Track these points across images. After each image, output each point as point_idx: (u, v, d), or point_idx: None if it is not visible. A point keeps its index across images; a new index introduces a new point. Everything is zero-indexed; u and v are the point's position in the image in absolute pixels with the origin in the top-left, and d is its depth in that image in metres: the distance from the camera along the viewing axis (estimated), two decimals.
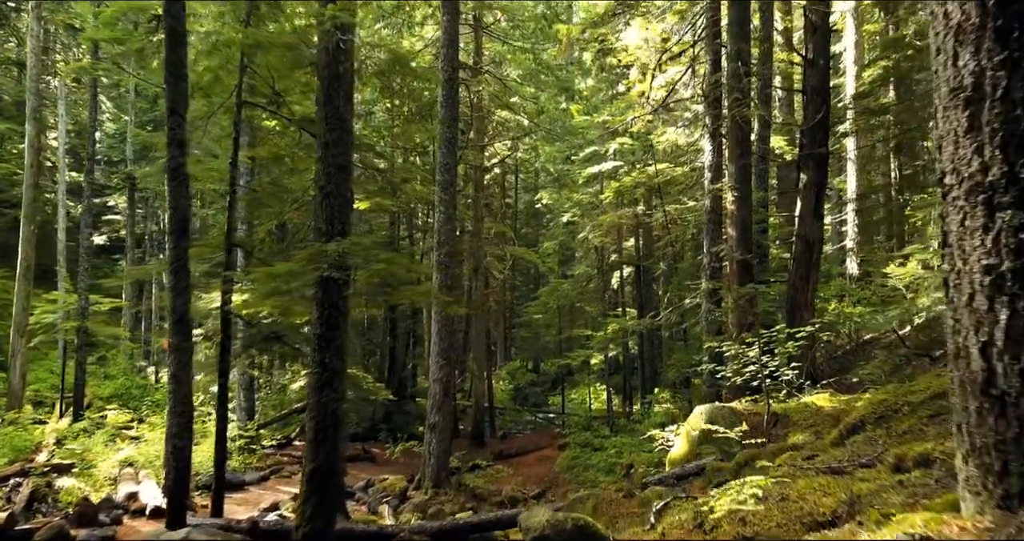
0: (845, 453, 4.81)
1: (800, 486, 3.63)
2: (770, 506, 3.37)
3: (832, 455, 4.89)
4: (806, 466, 4.63)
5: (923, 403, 5.26)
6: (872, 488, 3.27)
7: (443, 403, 14.37)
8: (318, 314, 6.95)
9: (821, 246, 12.75)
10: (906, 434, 4.85)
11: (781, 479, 4.16)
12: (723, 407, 8.66)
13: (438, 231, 14.61)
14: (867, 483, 3.41)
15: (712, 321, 12.96)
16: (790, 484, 3.84)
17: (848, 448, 4.98)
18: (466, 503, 14.01)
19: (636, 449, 16.56)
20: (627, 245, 26.92)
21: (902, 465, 3.55)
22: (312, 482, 6.70)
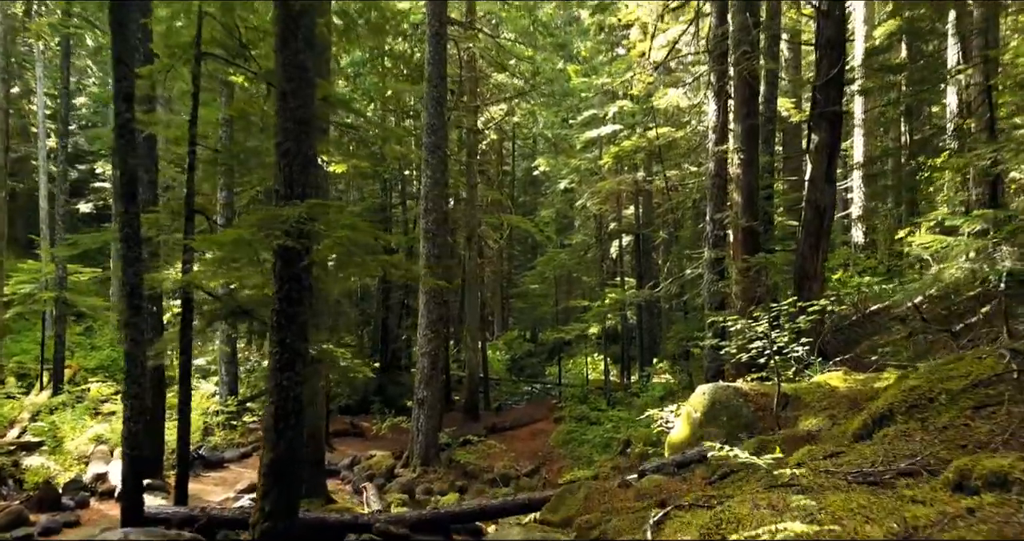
0: (876, 452, 4.09)
1: (833, 505, 2.91)
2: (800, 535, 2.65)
3: (860, 454, 4.18)
4: (832, 469, 3.91)
5: (964, 392, 4.54)
6: (931, 515, 2.55)
7: (431, 377, 13.72)
8: (277, 288, 6.20)
9: (832, 212, 11.95)
10: (948, 430, 4.12)
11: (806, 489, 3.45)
12: (727, 387, 7.97)
13: (425, 197, 13.80)
14: (922, 507, 2.69)
15: (715, 293, 12.22)
16: (819, 498, 3.12)
17: (879, 445, 4.26)
18: (456, 481, 13.44)
19: (633, 424, 15.97)
20: (627, 213, 26.10)
21: (965, 483, 2.83)
22: (271, 475, 6.02)
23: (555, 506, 6.93)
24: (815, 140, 11.68)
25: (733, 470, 6.20)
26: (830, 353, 10.14)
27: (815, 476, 3.74)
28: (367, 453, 15.47)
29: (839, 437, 5.77)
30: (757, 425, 7.47)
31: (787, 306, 7.69)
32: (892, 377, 7.23)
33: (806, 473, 4.04)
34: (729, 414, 7.65)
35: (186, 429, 8.34)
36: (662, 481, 6.69)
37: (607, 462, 14.34)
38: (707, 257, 12.36)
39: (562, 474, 15.00)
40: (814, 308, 7.69)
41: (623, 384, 23.48)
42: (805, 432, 6.24)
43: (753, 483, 5.26)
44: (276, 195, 6.26)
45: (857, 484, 3.37)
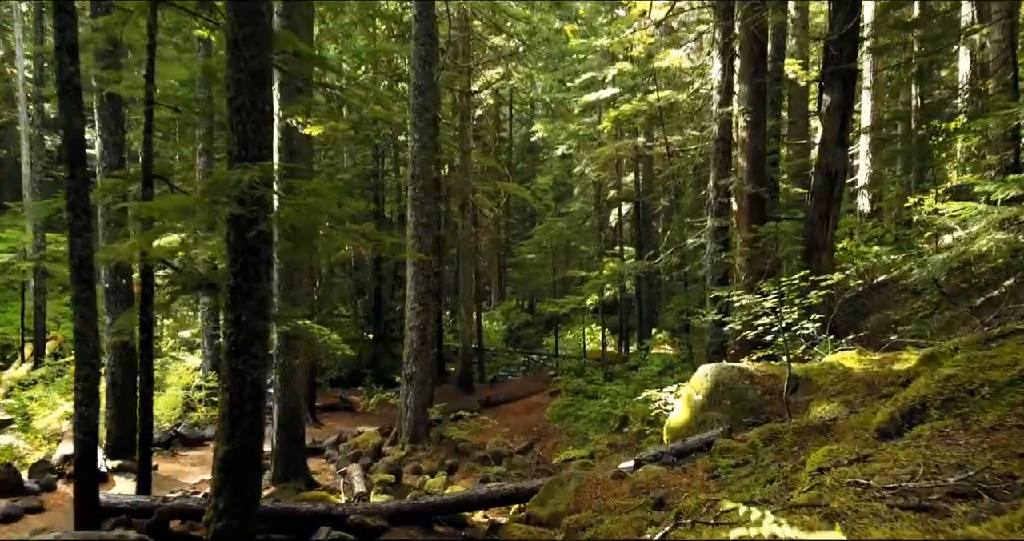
0: (913, 458, 3.46)
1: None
2: None
3: (893, 459, 3.55)
4: (863, 481, 3.29)
5: (1012, 384, 3.90)
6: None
7: (420, 352, 13.13)
8: (231, 261, 5.53)
9: (844, 178, 11.24)
10: (997, 432, 3.50)
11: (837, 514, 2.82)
12: (732, 368, 7.35)
13: (413, 162, 13.06)
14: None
15: (717, 264, 11.56)
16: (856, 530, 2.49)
17: (914, 449, 3.63)
18: (446, 459, 12.93)
19: (631, 400, 15.44)
20: (626, 180, 25.33)
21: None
22: (226, 470, 5.41)
23: (543, 498, 6.36)
24: (827, 100, 10.92)
25: (739, 463, 5.60)
26: (839, 329, 9.51)
27: (844, 493, 3.11)
28: (355, 429, 14.96)
29: (859, 429, 5.15)
30: (764, 410, 6.87)
31: (798, 279, 7.03)
32: (913, 358, 6.61)
33: (831, 484, 3.42)
34: (733, 397, 7.05)
35: (148, 412, 7.73)
36: (660, 473, 6.10)
37: (603, 440, 13.83)
38: (710, 226, 11.67)
39: (556, 451, 14.51)
40: (828, 282, 7.03)
41: (621, 355, 22.95)
42: (819, 421, 5.63)
43: (762, 482, 4.66)
44: (229, 157, 5.56)
45: (900, 509, 2.74)
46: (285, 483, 10.03)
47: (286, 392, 10.13)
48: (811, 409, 6.38)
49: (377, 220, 25.23)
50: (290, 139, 9.98)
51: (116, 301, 10.70)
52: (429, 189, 13.15)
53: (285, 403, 10.13)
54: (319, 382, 20.71)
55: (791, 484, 4.08)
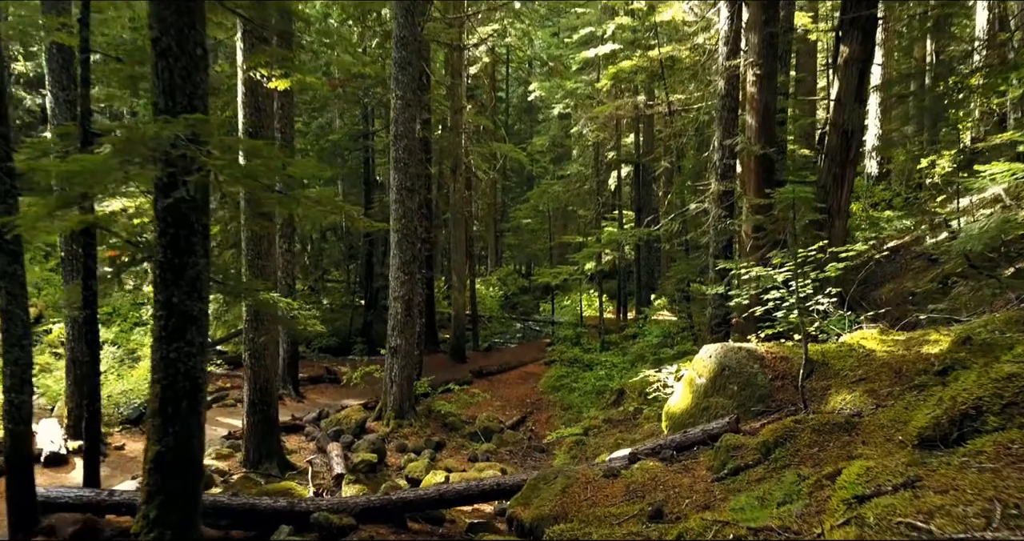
0: (979, 488, 2.71)
1: None
2: None
3: (955, 491, 2.80)
4: (917, 523, 2.55)
5: None
6: None
7: (406, 324, 12.39)
8: (159, 232, 4.73)
9: (861, 138, 10.39)
10: None
11: None
12: (739, 349, 6.60)
13: (395, 120, 12.15)
14: None
15: (721, 230, 10.74)
16: None
17: (978, 474, 2.88)
18: (433, 435, 12.31)
19: (628, 371, 14.79)
20: (626, 141, 24.35)
21: None
22: (158, 473, 4.70)
23: (527, 496, 5.66)
24: (844, 52, 10.00)
25: (748, 464, 4.88)
26: (854, 304, 8.76)
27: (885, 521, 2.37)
28: (340, 403, 14.31)
29: (891, 429, 4.42)
30: (774, 397, 6.15)
31: (815, 250, 6.24)
32: (943, 340, 5.86)
33: (876, 523, 2.68)
34: (740, 383, 6.32)
35: (95, 396, 7.03)
36: (658, 471, 5.40)
37: (598, 415, 13.21)
38: (714, 190, 10.83)
39: (550, 425, 13.91)
40: (849, 253, 6.24)
41: (619, 322, 22.26)
42: (842, 417, 4.89)
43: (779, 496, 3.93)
44: (155, 109, 4.72)
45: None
46: (257, 466, 9.39)
47: (256, 369, 9.42)
48: (829, 398, 5.65)
49: (366, 184, 24.36)
50: (255, 95, 9.09)
51: (72, 271, 9.92)
52: (413, 149, 12.27)
53: (255, 381, 9.42)
54: (305, 353, 20.09)
55: (817, 507, 3.35)
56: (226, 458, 9.78)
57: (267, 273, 9.33)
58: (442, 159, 21.51)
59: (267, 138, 9.17)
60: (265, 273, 9.29)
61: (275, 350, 9.97)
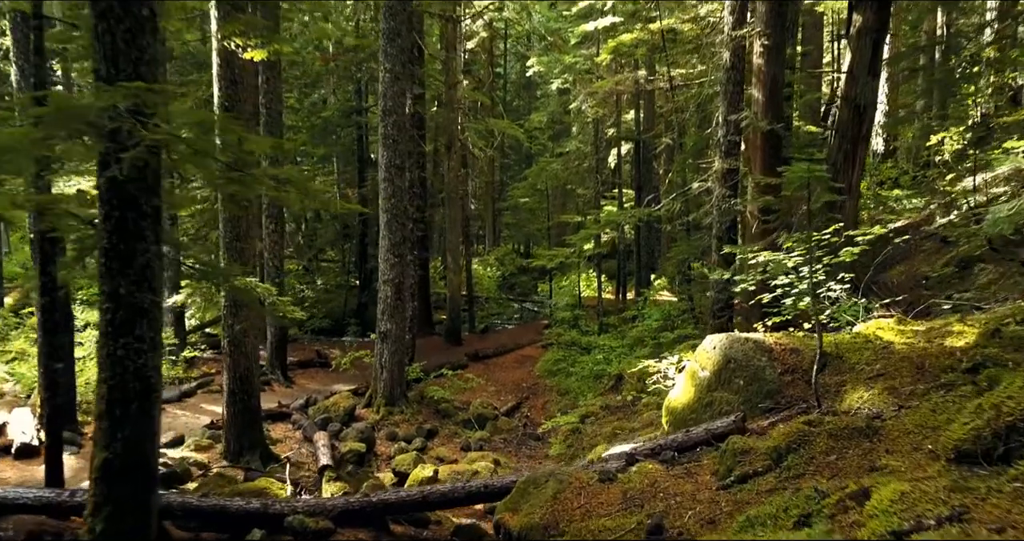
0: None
1: None
2: None
3: (1006, 523, 2.34)
4: None
5: None
6: None
7: (396, 308, 11.93)
8: (103, 216, 4.24)
9: (874, 113, 9.84)
10: None
11: None
12: (745, 340, 6.13)
13: (383, 95, 11.59)
14: None
15: (725, 211, 10.23)
16: None
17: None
18: (424, 423, 11.91)
19: (627, 356, 14.36)
20: (626, 118, 23.73)
21: None
22: (105, 482, 4.25)
23: (516, 501, 5.23)
24: (857, 22, 9.42)
25: (757, 472, 4.43)
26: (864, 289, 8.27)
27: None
28: (330, 389, 13.90)
29: (919, 437, 3.96)
30: (784, 393, 5.69)
31: (829, 234, 5.74)
32: (968, 331, 5.39)
33: None
34: (747, 377, 5.86)
35: (52, 391, 6.58)
36: (658, 475, 4.96)
37: (596, 401, 12.79)
38: (717, 168, 10.30)
39: (546, 412, 13.51)
40: (867, 237, 5.74)
41: (618, 303, 21.80)
42: (862, 420, 4.43)
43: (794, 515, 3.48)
44: (96, 77, 4.20)
45: None
46: (238, 459, 8.97)
47: (236, 356, 8.96)
48: (844, 396, 5.19)
49: (360, 162, 23.75)
50: (231, 67, 8.53)
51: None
52: (403, 126, 11.72)
53: (235, 369, 8.96)
54: (297, 335, 19.66)
55: (843, 535, 2.89)
56: (206, 449, 9.37)
57: (246, 256, 8.85)
58: (437, 136, 20.90)
59: (245, 113, 8.64)
60: (244, 256, 8.81)
61: (256, 336, 9.49)
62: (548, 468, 5.40)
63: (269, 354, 14.16)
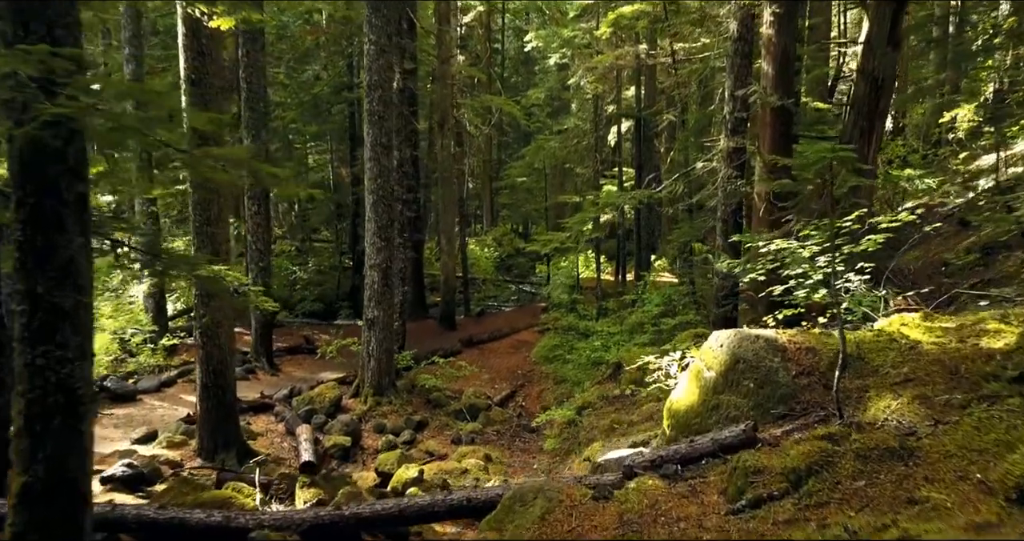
0: None
1: None
2: None
3: None
4: None
5: None
6: None
7: (384, 294, 11.37)
8: (16, 203, 3.65)
9: (892, 86, 9.19)
10: None
11: None
12: (756, 338, 5.56)
13: (368, 69, 10.92)
14: None
15: (731, 192, 9.62)
16: None
17: None
18: (414, 414, 11.39)
19: (626, 342, 13.82)
20: (627, 95, 22.98)
21: None
22: (26, 508, 3.71)
23: (500, 520, 4.70)
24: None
25: (771, 495, 3.88)
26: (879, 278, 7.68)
27: None
28: (317, 377, 13.38)
29: (963, 462, 3.40)
30: (799, 398, 5.13)
31: (851, 221, 5.15)
32: (1008, 331, 4.81)
33: None
34: (758, 379, 5.29)
35: None
36: (659, 494, 4.42)
37: (593, 390, 12.27)
38: (723, 147, 9.67)
39: (541, 401, 12.98)
40: (893, 225, 5.15)
41: (618, 285, 21.22)
42: (893, 438, 3.87)
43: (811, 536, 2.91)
44: (2, 41, 3.58)
45: None
46: (213, 456, 8.46)
47: (209, 348, 8.41)
48: (868, 404, 4.63)
49: (351, 140, 23.02)
50: (197, 37, 7.88)
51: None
52: (389, 101, 11.07)
53: (208, 362, 8.42)
54: (287, 319, 19.13)
55: None
56: (179, 446, 8.84)
57: (218, 242, 8.25)
58: (432, 114, 20.18)
59: (213, 87, 8.00)
60: (215, 241, 8.22)
61: (233, 325, 8.92)
62: (536, 482, 4.85)
63: (254, 341, 13.62)
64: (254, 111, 12.86)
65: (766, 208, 9.12)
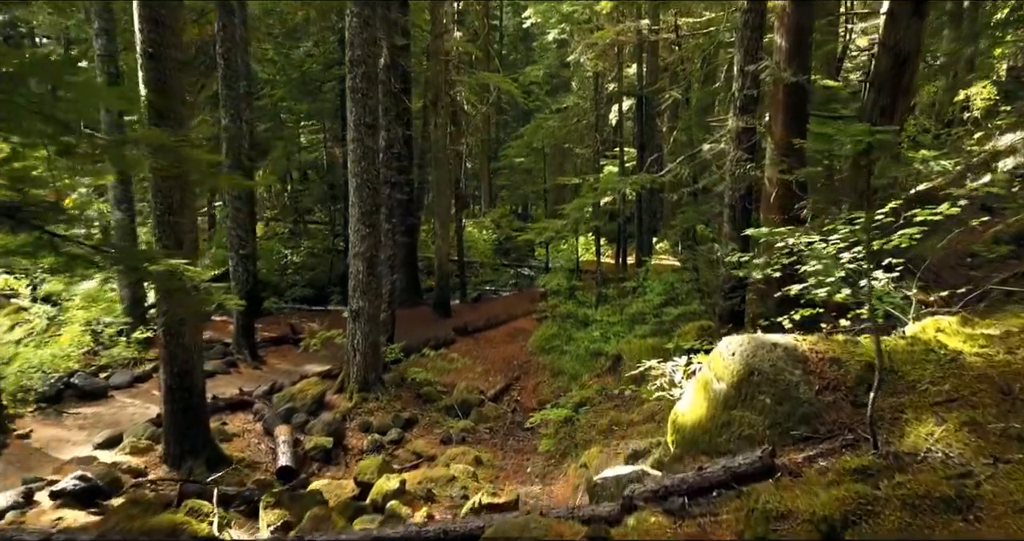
0: None
1: None
2: None
3: None
4: None
5: None
6: None
7: (368, 284, 10.71)
8: None
9: (918, 61, 8.44)
10: None
11: None
12: (773, 346, 4.89)
13: (350, 43, 10.17)
14: None
15: (740, 176, 8.91)
16: None
17: None
18: (402, 411, 10.79)
19: (626, 333, 13.16)
20: (628, 72, 22.14)
21: None
22: None
23: None
24: None
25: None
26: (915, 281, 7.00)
27: None
28: (302, 369, 12.77)
29: None
30: (823, 417, 4.48)
31: (884, 214, 4.47)
32: None
33: None
34: (776, 394, 4.65)
35: None
36: (662, 534, 3.78)
37: (592, 383, 11.65)
38: (732, 127, 8.93)
39: (537, 395, 12.37)
40: (932, 218, 4.46)
41: (618, 270, 20.54)
42: (946, 482, 3.21)
43: None
44: None
45: None
46: (179, 464, 7.86)
47: (173, 349, 7.77)
48: (905, 429, 3.99)
49: (343, 120, 22.16)
50: (150, 4, 7.13)
51: None
52: (374, 77, 10.32)
53: (172, 363, 7.78)
54: (276, 305, 18.51)
55: None
56: (144, 452, 8.23)
57: (181, 232, 7.57)
58: (427, 92, 19.39)
59: (172, 60, 7.27)
60: (178, 232, 7.54)
61: (199, 323, 8.27)
62: (520, 521, 4.21)
63: (235, 332, 12.99)
64: (232, 89, 12.11)
65: (777, 193, 8.42)
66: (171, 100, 7.38)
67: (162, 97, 7.29)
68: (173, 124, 7.36)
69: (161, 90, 7.27)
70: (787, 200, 8.32)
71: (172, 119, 7.36)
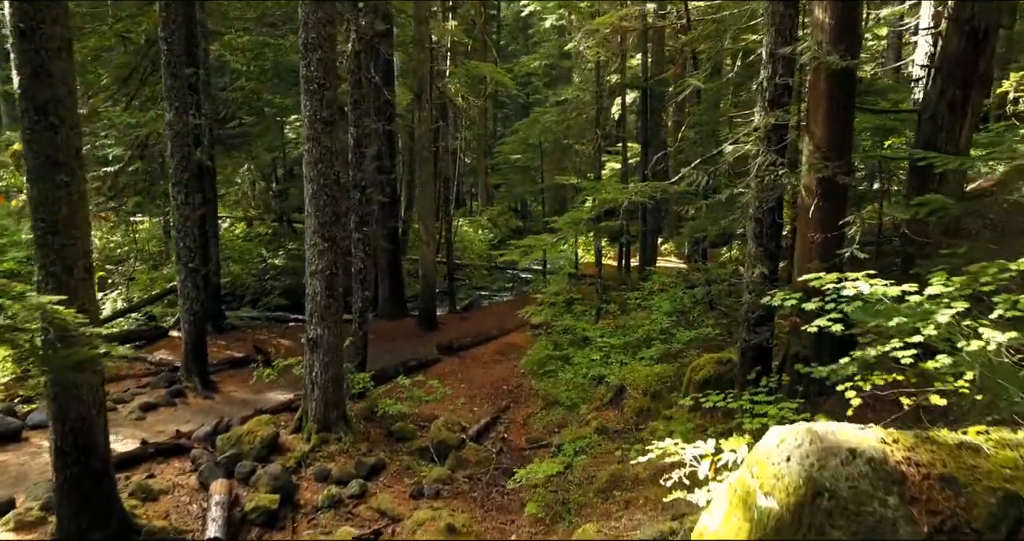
0: None
1: None
2: None
3: None
4: None
5: None
6: None
7: (327, 308, 9.14)
8: None
9: (995, 40, 6.84)
10: None
11: None
12: (850, 454, 3.27)
13: (303, 24, 8.57)
14: None
15: (770, 184, 7.29)
16: None
17: None
18: (368, 454, 9.25)
19: (630, 356, 11.58)
20: (632, 63, 20.54)
21: None
22: None
23: None
24: None
25: None
26: None
27: None
28: (262, 398, 11.24)
29: None
30: None
31: None
32: None
33: None
34: (859, 533, 3.06)
35: None
36: None
37: (591, 419, 10.10)
38: (760, 123, 7.31)
39: (527, 430, 10.80)
40: None
41: (621, 275, 18.97)
42: None
43: None
44: None
45: None
46: None
47: (62, 401, 6.20)
48: None
49: None
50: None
51: None
52: (330, 65, 8.74)
53: (63, 419, 6.21)
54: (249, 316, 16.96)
55: None
56: (32, 528, 6.65)
57: (69, 258, 5.99)
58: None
59: (53, 39, 5.70)
60: (65, 257, 5.97)
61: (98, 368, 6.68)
62: None
63: (184, 356, 11.44)
64: (176, 78, 10.53)
65: (817, 205, 6.84)
66: (54, 90, 5.81)
67: (41, 86, 5.73)
68: (57, 120, 5.80)
69: (37, 76, 5.71)
70: (830, 213, 6.77)
71: (55, 114, 5.80)
